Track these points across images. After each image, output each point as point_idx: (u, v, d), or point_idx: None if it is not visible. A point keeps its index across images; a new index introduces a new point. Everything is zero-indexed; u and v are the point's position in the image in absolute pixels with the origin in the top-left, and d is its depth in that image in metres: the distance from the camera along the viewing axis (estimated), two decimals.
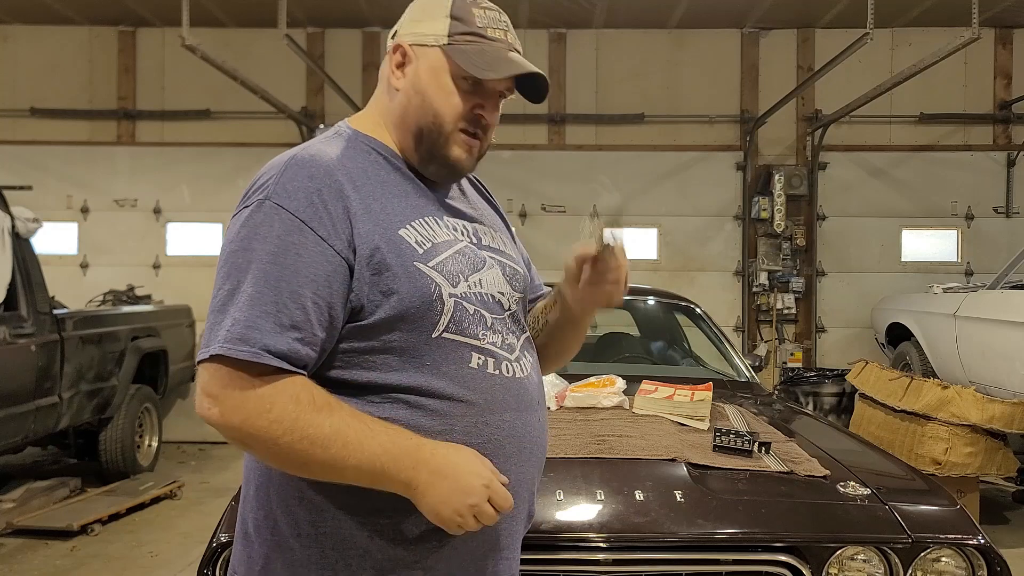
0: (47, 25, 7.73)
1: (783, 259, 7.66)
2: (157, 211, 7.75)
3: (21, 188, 5.80)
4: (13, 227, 4.98)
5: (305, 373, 1.21)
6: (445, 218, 1.36)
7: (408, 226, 1.28)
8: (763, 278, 7.62)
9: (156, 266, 7.73)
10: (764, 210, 7.49)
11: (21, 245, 5.05)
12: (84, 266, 7.74)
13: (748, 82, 7.80)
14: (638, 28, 7.75)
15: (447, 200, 1.41)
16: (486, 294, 1.34)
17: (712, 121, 7.79)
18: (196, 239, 7.77)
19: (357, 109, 7.71)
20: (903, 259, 7.76)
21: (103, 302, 6.95)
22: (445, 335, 1.27)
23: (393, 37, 1.37)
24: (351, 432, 1.17)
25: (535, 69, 1.35)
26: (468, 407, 1.28)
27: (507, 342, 1.36)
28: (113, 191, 7.75)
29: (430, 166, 1.36)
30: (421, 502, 1.21)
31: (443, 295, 1.27)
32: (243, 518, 1.36)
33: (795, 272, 7.66)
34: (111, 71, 7.80)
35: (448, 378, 1.27)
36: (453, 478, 1.20)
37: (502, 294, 1.38)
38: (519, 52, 1.39)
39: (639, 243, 7.82)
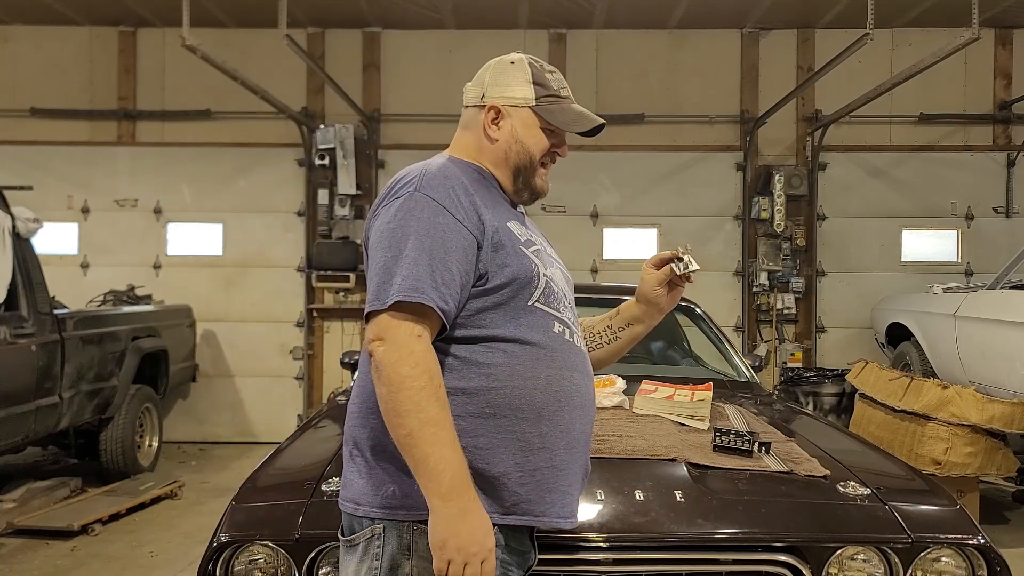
0: (47, 25, 7.73)
1: (783, 259, 7.66)
2: (157, 211, 7.75)
3: (21, 188, 5.81)
4: (14, 227, 4.98)
5: (447, 327, 1.55)
6: (526, 226, 1.74)
7: (510, 222, 1.66)
8: (763, 278, 7.62)
9: (156, 266, 7.73)
10: (764, 210, 7.49)
11: (21, 245, 5.05)
12: (84, 266, 7.74)
13: (748, 82, 7.80)
14: (638, 28, 7.75)
15: (521, 216, 1.79)
16: (558, 283, 1.71)
17: (712, 121, 7.79)
18: (196, 239, 7.77)
19: (357, 109, 7.73)
20: (903, 259, 7.76)
21: (103, 302, 6.96)
22: (537, 304, 1.62)
23: (482, 99, 1.72)
24: (444, 429, 1.46)
25: (601, 121, 1.77)
26: (551, 362, 1.61)
27: (575, 321, 1.74)
28: (113, 191, 7.75)
29: (524, 193, 1.76)
30: (437, 520, 1.45)
31: (539, 273, 1.64)
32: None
33: (795, 272, 7.66)
34: (111, 71, 7.80)
35: (537, 336, 1.61)
36: (471, 529, 1.45)
37: (565, 289, 1.75)
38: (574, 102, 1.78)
39: (639, 243, 7.82)
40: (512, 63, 1.74)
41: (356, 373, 1.77)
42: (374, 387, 1.59)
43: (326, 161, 7.51)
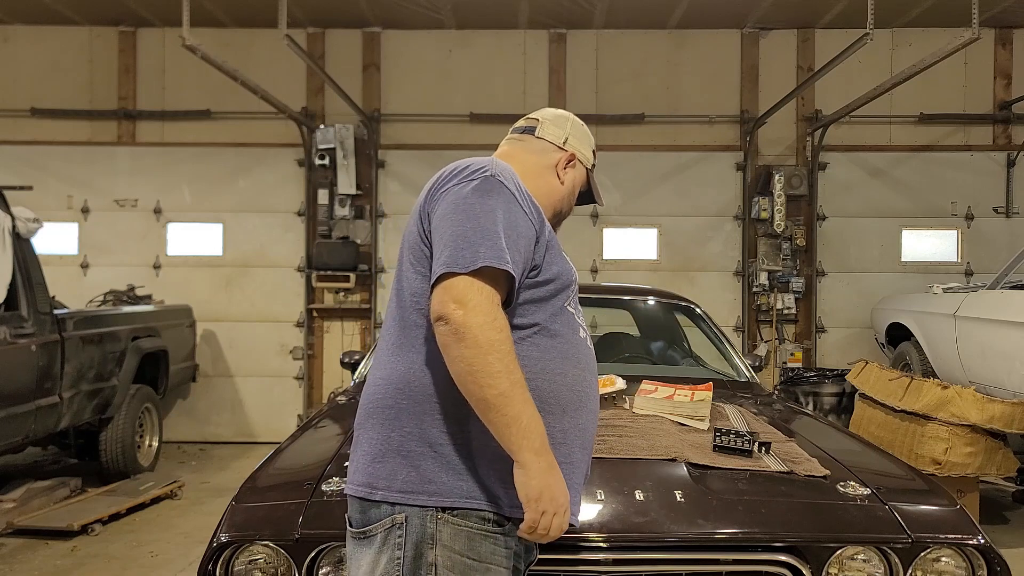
0: (47, 25, 7.73)
1: (783, 259, 7.66)
2: (157, 211, 7.75)
3: (21, 188, 5.80)
4: (14, 227, 4.98)
5: (508, 303, 1.59)
6: None
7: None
8: (763, 278, 7.62)
9: (156, 266, 7.73)
10: (764, 210, 7.49)
11: (22, 245, 5.05)
12: (84, 266, 7.74)
13: (748, 82, 7.80)
14: (638, 28, 7.75)
15: None
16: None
17: (712, 121, 7.79)
18: (196, 239, 7.77)
19: (357, 109, 7.70)
20: (903, 259, 7.76)
21: (103, 302, 6.95)
22: (569, 307, 1.71)
23: (564, 143, 1.90)
24: (528, 391, 1.50)
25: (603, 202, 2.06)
26: (577, 362, 1.67)
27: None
28: (113, 191, 7.75)
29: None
30: (531, 474, 1.48)
31: (575, 279, 1.75)
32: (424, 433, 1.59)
33: (795, 272, 7.66)
34: (111, 71, 7.80)
35: (568, 336, 1.68)
36: (559, 482, 1.52)
37: None
38: None
39: (639, 243, 7.83)
40: (583, 126, 1.96)
41: (373, 352, 1.74)
42: (409, 366, 1.60)
43: (326, 161, 7.51)
